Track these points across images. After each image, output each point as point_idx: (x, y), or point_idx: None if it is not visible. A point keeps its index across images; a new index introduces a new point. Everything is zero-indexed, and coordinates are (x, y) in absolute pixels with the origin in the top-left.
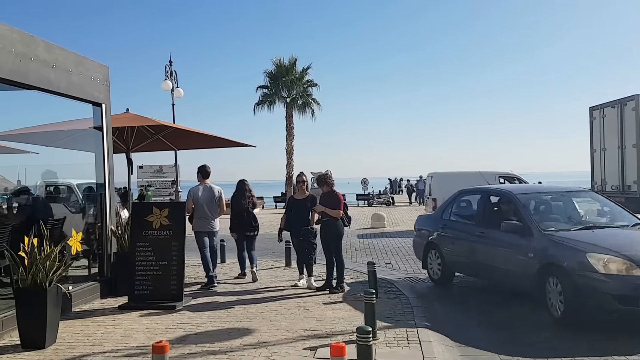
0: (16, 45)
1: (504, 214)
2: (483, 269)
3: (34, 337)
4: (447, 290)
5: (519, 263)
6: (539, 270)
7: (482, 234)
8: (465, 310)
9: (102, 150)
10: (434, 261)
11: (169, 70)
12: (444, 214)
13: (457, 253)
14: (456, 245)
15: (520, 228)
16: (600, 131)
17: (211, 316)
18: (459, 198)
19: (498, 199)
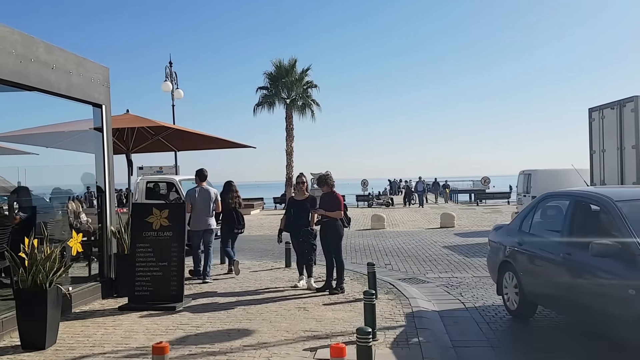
0: (16, 47)
1: (598, 229)
2: (568, 304)
3: (34, 338)
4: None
5: (614, 301)
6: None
7: (567, 256)
8: None
9: (103, 151)
10: (510, 286)
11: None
12: (523, 224)
13: (537, 279)
14: (536, 268)
15: (618, 251)
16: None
17: (211, 317)
18: (543, 204)
19: (590, 208)
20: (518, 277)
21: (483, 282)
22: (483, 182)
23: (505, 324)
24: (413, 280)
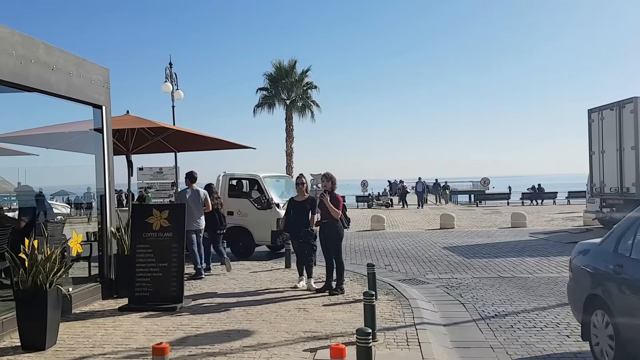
0: (17, 48)
1: None
2: None
3: (34, 339)
4: None
5: None
6: None
7: None
8: None
9: (103, 152)
10: (602, 330)
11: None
12: (619, 245)
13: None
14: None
15: None
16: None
17: (211, 318)
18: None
19: None
20: (613, 317)
21: (483, 283)
22: (482, 183)
23: (505, 324)
24: (413, 281)
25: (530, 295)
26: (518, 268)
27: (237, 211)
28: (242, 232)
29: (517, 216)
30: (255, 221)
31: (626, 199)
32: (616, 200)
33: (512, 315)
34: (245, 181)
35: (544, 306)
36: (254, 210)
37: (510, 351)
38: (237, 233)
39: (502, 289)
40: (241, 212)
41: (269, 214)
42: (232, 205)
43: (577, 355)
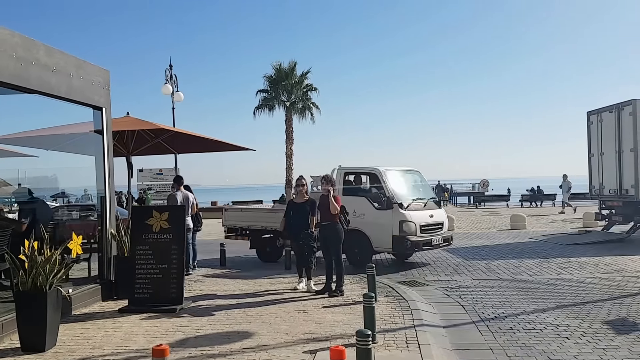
0: (17, 50)
1: None
2: None
3: (34, 341)
4: None
5: None
6: None
7: None
8: None
9: (103, 153)
10: None
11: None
12: None
13: None
14: None
15: None
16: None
17: (211, 319)
18: None
19: None
20: None
21: (482, 284)
22: (482, 185)
23: (504, 326)
24: (412, 283)
25: (530, 297)
26: (517, 270)
27: (352, 211)
28: (358, 236)
29: (516, 218)
30: (373, 224)
31: (625, 200)
32: (615, 202)
33: (512, 317)
34: (365, 176)
35: (543, 308)
36: (372, 211)
37: (509, 353)
38: (353, 237)
39: (502, 290)
40: (357, 213)
41: (389, 216)
42: (348, 205)
43: (577, 357)
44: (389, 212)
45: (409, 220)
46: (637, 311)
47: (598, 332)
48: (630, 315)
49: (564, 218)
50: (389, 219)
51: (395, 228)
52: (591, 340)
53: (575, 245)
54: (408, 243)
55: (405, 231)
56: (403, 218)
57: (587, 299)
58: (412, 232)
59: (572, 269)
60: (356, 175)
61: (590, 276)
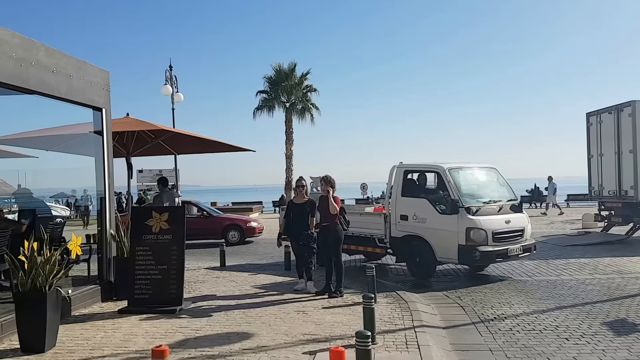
0: (17, 50)
1: None
2: None
3: (33, 341)
4: None
5: None
6: None
7: None
8: None
9: (102, 154)
10: None
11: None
12: None
13: None
14: None
15: None
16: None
17: (210, 320)
18: None
19: None
20: None
21: (482, 286)
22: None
23: (504, 327)
24: (412, 284)
25: (529, 298)
26: (517, 271)
27: (412, 215)
28: (419, 243)
29: None
30: (436, 230)
31: (624, 201)
32: (615, 203)
33: (511, 319)
34: (428, 174)
35: (542, 309)
36: (435, 215)
37: (509, 354)
38: (414, 245)
39: (501, 292)
40: (418, 217)
41: (454, 221)
42: (407, 207)
43: (576, 358)
44: (454, 217)
45: (478, 227)
46: (636, 312)
47: (597, 333)
48: (629, 316)
49: (563, 219)
50: (454, 225)
51: (462, 236)
52: (590, 341)
53: (575, 247)
54: (477, 254)
55: (473, 240)
56: (471, 224)
57: (587, 300)
58: (482, 241)
59: (572, 270)
60: (420, 174)
61: (589, 277)
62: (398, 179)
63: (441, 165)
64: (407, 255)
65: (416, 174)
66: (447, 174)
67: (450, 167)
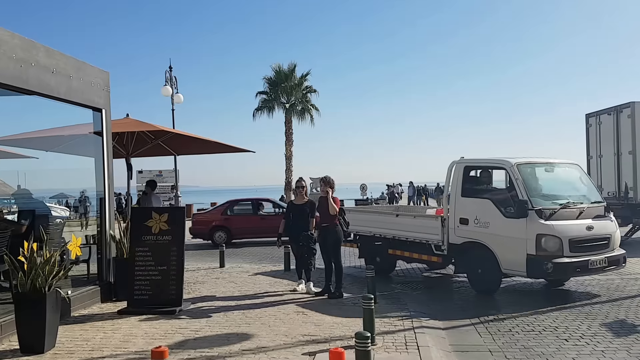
0: (17, 51)
1: None
2: None
3: (32, 342)
4: None
5: None
6: None
7: None
8: None
9: (102, 155)
10: None
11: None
12: None
13: None
14: None
15: None
16: (597, 138)
17: (210, 321)
18: None
19: None
20: None
21: None
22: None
23: (503, 328)
24: (412, 285)
25: (529, 299)
26: None
27: (473, 218)
28: (481, 252)
29: None
30: (500, 236)
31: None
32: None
33: (511, 319)
34: (493, 172)
35: (542, 310)
36: (500, 219)
37: (508, 355)
38: (475, 253)
39: (501, 292)
40: (480, 220)
41: (522, 226)
42: (467, 209)
43: (576, 359)
44: (522, 221)
45: (551, 234)
46: (635, 313)
47: (597, 334)
48: (628, 317)
49: None
50: (522, 230)
51: (531, 244)
52: (590, 342)
53: None
54: (549, 266)
55: (545, 249)
56: (542, 230)
57: (586, 301)
58: (556, 251)
59: None
60: (483, 170)
61: (588, 278)
62: (457, 176)
63: (508, 160)
64: (467, 266)
65: (479, 170)
66: (514, 171)
67: (519, 162)
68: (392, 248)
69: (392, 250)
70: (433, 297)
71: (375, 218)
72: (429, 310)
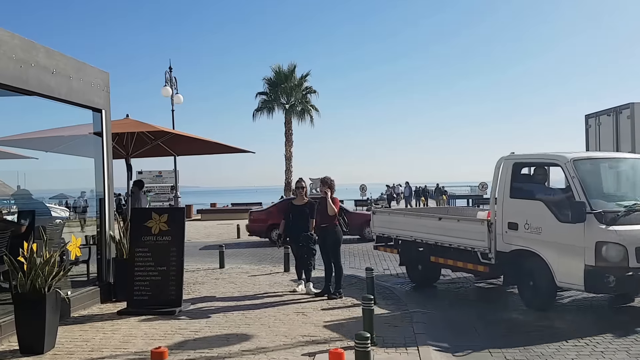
0: (17, 51)
1: None
2: None
3: (32, 343)
4: None
5: None
6: None
7: None
8: None
9: (102, 155)
10: None
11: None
12: None
13: None
14: None
15: None
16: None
17: (210, 322)
18: None
19: None
20: None
21: (481, 287)
22: (481, 188)
23: (503, 329)
24: (411, 286)
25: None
26: None
27: (524, 223)
28: (533, 262)
29: None
30: (554, 243)
31: None
32: None
33: (510, 320)
34: (549, 168)
35: (541, 310)
36: (554, 224)
37: (508, 355)
38: (526, 264)
39: (500, 292)
40: (531, 226)
41: (579, 232)
42: (517, 212)
43: (575, 359)
44: (580, 226)
45: (614, 242)
46: (635, 314)
47: (596, 334)
48: (628, 318)
49: None
50: (579, 237)
51: (589, 253)
52: (589, 343)
53: None
54: (611, 279)
55: (606, 259)
56: (603, 237)
57: (586, 301)
58: (620, 261)
59: None
60: (536, 168)
61: None
62: (506, 174)
63: (563, 155)
64: (517, 277)
65: (531, 167)
66: (570, 167)
67: (577, 157)
68: (434, 255)
69: (435, 258)
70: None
71: (416, 221)
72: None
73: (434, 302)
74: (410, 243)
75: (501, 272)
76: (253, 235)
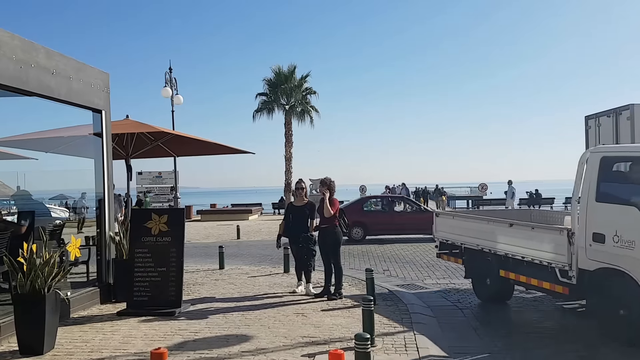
0: (17, 52)
1: None
2: None
3: (32, 343)
4: None
5: None
6: None
7: None
8: None
9: (102, 156)
10: None
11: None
12: None
13: None
14: None
15: None
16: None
17: (209, 323)
18: None
19: None
20: None
21: None
22: (480, 189)
23: (503, 330)
24: (411, 287)
25: (529, 300)
26: None
27: (613, 234)
28: (623, 283)
29: None
30: None
31: None
32: None
33: (510, 321)
34: None
35: (542, 311)
36: None
37: (508, 357)
38: (613, 285)
39: None
40: (622, 238)
41: None
42: (604, 220)
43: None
44: None
45: None
46: None
47: (597, 336)
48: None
49: None
50: None
51: None
52: (589, 343)
53: None
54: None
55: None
56: None
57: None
58: None
59: None
60: (633, 164)
61: None
62: (592, 172)
63: None
64: (602, 302)
65: (626, 163)
66: None
67: None
68: (504, 268)
69: (505, 272)
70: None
71: (483, 227)
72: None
73: (434, 303)
74: (477, 252)
75: (584, 294)
76: None
